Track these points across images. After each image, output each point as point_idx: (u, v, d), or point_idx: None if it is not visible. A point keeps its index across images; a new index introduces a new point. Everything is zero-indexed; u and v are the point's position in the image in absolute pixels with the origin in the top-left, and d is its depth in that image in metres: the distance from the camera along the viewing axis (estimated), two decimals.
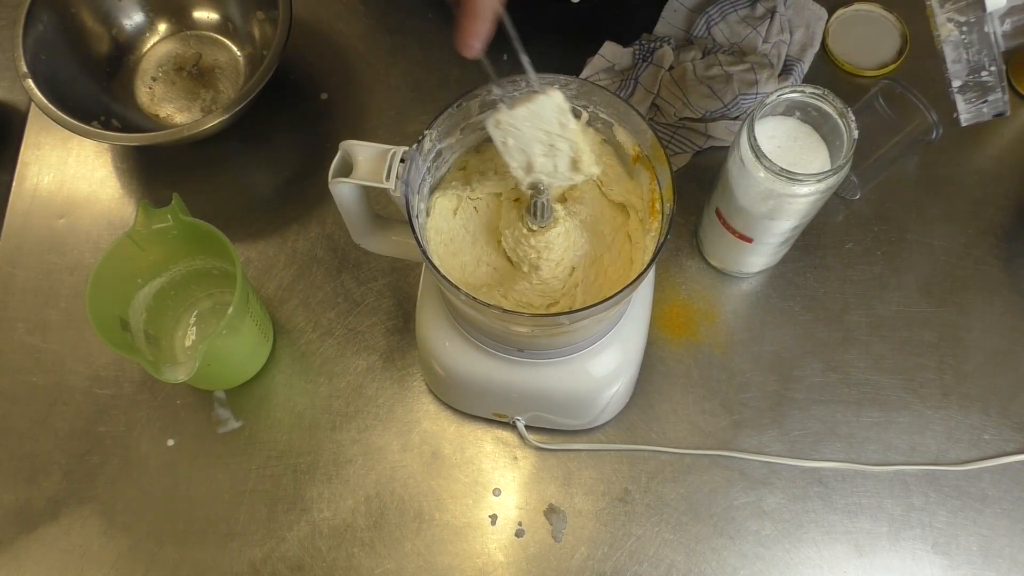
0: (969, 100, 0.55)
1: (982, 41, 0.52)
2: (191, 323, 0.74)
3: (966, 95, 0.55)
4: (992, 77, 0.53)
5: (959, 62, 0.53)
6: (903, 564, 0.67)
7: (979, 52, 0.52)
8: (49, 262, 0.77)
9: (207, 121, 0.72)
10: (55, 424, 0.72)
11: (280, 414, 0.72)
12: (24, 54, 0.73)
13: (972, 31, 0.51)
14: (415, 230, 0.52)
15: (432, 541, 0.68)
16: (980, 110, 0.55)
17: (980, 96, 0.54)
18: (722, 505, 0.69)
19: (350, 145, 0.54)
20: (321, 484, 0.70)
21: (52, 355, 0.74)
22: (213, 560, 0.68)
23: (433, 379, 0.70)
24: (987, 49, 0.52)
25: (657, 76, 0.78)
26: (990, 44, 0.51)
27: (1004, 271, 0.75)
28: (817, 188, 0.60)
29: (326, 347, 0.74)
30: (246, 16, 0.83)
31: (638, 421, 0.71)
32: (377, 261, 0.76)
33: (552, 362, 0.62)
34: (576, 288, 0.58)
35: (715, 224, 0.70)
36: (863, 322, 0.74)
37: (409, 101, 0.83)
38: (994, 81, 0.53)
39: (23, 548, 0.68)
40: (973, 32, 0.52)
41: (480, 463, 0.70)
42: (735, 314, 0.75)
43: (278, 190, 0.80)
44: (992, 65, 0.52)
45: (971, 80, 0.54)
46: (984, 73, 0.53)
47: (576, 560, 0.68)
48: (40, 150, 0.82)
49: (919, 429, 0.71)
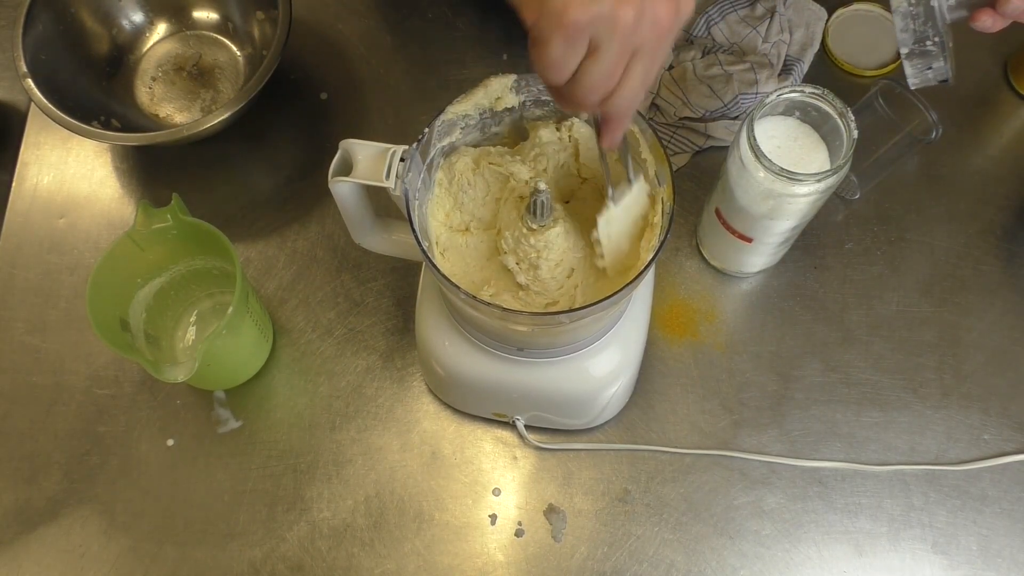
0: (915, 66, 0.59)
1: (927, 14, 0.56)
2: (191, 323, 0.74)
3: (912, 61, 0.59)
4: (936, 47, 0.57)
5: (906, 31, 0.58)
6: (903, 564, 0.67)
7: (924, 23, 0.57)
8: (49, 262, 0.77)
9: (207, 121, 0.72)
10: (55, 424, 0.72)
11: (280, 414, 0.72)
12: (24, 54, 0.73)
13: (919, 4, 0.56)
14: (415, 229, 0.52)
15: (432, 541, 0.68)
16: (926, 75, 0.59)
17: (925, 64, 0.59)
18: (722, 505, 0.69)
19: (350, 144, 0.54)
20: (321, 484, 0.70)
21: (52, 355, 0.74)
22: (213, 560, 0.68)
23: (433, 379, 0.70)
24: (932, 21, 0.56)
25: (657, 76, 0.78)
26: (935, 17, 0.56)
27: (1004, 271, 0.75)
28: (817, 188, 0.60)
29: (326, 347, 0.74)
30: (246, 16, 0.83)
31: (638, 421, 0.71)
32: (377, 261, 0.76)
33: (552, 362, 0.62)
34: (576, 289, 0.58)
35: (715, 224, 0.70)
36: (863, 322, 0.74)
37: (409, 101, 0.83)
38: (937, 51, 0.58)
39: (23, 548, 0.68)
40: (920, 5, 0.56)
41: (480, 463, 0.70)
42: (735, 314, 0.75)
43: (278, 190, 0.80)
44: (936, 36, 0.57)
45: (916, 48, 0.58)
46: (928, 43, 0.57)
47: (576, 560, 0.67)
48: (40, 150, 0.82)
49: (919, 429, 0.71)
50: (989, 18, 0.56)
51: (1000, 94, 0.82)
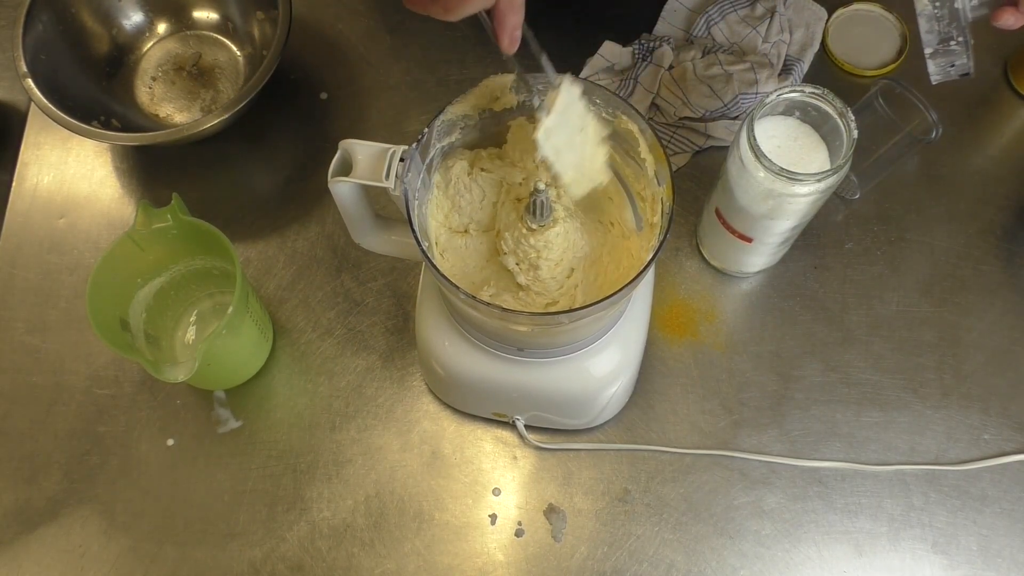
0: (939, 64, 0.62)
1: (952, 15, 0.59)
2: (191, 323, 0.74)
3: (936, 60, 0.61)
4: (960, 47, 0.60)
5: (931, 32, 0.60)
6: (903, 564, 0.67)
7: (949, 24, 0.59)
8: (49, 262, 0.77)
9: (207, 121, 0.72)
10: (55, 424, 0.72)
11: (280, 414, 0.72)
12: (24, 54, 0.73)
13: (944, 6, 0.59)
14: (414, 230, 0.52)
15: (432, 541, 0.68)
16: (948, 72, 0.62)
17: (948, 62, 0.61)
18: (722, 505, 0.69)
19: (350, 144, 0.54)
20: (321, 484, 0.70)
21: (52, 355, 0.74)
22: (213, 560, 0.68)
23: (433, 379, 0.70)
24: (956, 22, 0.59)
25: (657, 76, 0.78)
26: (959, 18, 0.58)
27: (1004, 271, 0.75)
28: (817, 188, 0.60)
29: (326, 347, 0.74)
30: (246, 16, 0.83)
31: (638, 421, 0.71)
32: (377, 261, 0.76)
33: (552, 361, 0.62)
34: (576, 289, 0.58)
35: (715, 224, 0.70)
36: (863, 322, 0.74)
37: (409, 101, 0.83)
38: (961, 50, 0.60)
39: (23, 548, 0.68)
40: (945, 7, 0.59)
41: (480, 463, 0.70)
42: (735, 314, 0.75)
43: (278, 190, 0.80)
44: (960, 36, 0.59)
45: (941, 48, 0.60)
46: (952, 43, 0.60)
47: (576, 560, 0.67)
48: (40, 150, 0.82)
49: (919, 429, 0.71)
50: (1012, 16, 0.57)
51: (1000, 94, 0.82)
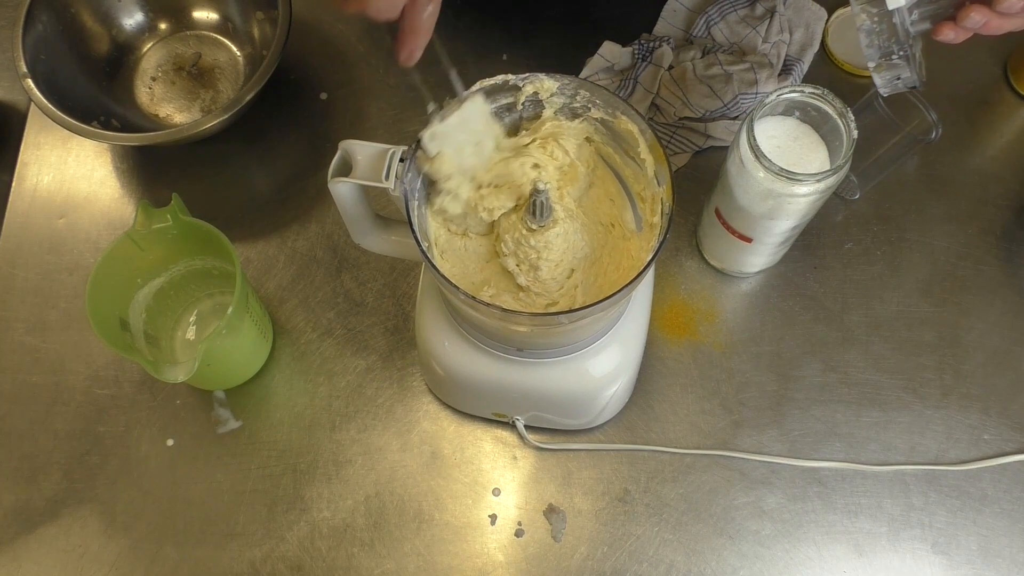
0: (884, 77, 0.60)
1: (891, 30, 0.57)
2: (191, 323, 0.74)
3: (880, 73, 0.60)
4: (901, 60, 0.58)
5: (871, 47, 0.59)
6: (903, 564, 0.67)
7: (888, 39, 0.58)
8: (49, 262, 0.77)
9: (207, 121, 0.72)
10: (55, 424, 0.72)
11: (280, 414, 0.72)
12: (24, 54, 0.73)
13: (882, 21, 0.57)
14: (414, 230, 0.52)
15: (432, 541, 0.68)
16: (895, 85, 0.60)
17: (893, 75, 0.60)
18: (722, 505, 0.69)
19: (349, 144, 0.54)
20: (321, 484, 0.70)
21: (52, 355, 0.74)
22: (213, 560, 0.68)
23: (433, 379, 0.70)
24: (895, 36, 0.57)
25: (656, 76, 0.78)
26: (898, 33, 0.57)
27: (1004, 271, 0.75)
28: (817, 188, 0.60)
29: (326, 347, 0.74)
30: (246, 16, 0.83)
31: (638, 421, 0.71)
32: (377, 261, 0.76)
33: (552, 362, 0.62)
34: (576, 289, 0.58)
35: (715, 224, 0.70)
36: (863, 322, 0.74)
37: (409, 101, 0.83)
38: (903, 64, 0.59)
39: (23, 548, 0.68)
40: (883, 22, 0.57)
41: (480, 463, 0.70)
42: (735, 314, 0.75)
43: (278, 190, 0.80)
44: (901, 50, 0.58)
45: (883, 62, 0.59)
46: (894, 57, 0.58)
47: (576, 560, 0.67)
48: (40, 150, 0.82)
49: (919, 429, 0.71)
50: (951, 31, 0.57)
51: (1000, 94, 0.82)
